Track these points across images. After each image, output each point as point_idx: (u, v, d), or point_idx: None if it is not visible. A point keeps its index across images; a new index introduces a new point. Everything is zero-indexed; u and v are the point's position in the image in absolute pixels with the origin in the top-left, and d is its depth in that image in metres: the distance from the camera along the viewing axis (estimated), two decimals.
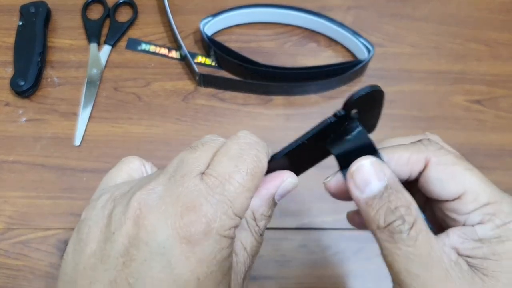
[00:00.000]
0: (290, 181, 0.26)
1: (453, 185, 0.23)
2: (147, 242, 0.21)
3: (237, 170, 0.22)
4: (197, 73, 0.53)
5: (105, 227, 0.22)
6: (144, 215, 0.21)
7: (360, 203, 0.23)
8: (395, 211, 0.22)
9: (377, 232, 0.22)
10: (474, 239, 0.22)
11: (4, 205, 0.47)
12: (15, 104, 0.53)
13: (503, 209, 0.22)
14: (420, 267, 0.21)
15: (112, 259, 0.21)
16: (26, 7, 0.56)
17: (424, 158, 0.24)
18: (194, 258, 0.21)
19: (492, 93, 0.56)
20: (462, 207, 0.23)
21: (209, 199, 0.21)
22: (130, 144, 0.51)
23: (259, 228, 0.25)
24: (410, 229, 0.21)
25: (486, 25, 0.60)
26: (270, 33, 0.59)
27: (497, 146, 0.52)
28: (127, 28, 0.58)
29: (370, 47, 0.55)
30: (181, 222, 0.21)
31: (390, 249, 0.22)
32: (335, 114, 0.24)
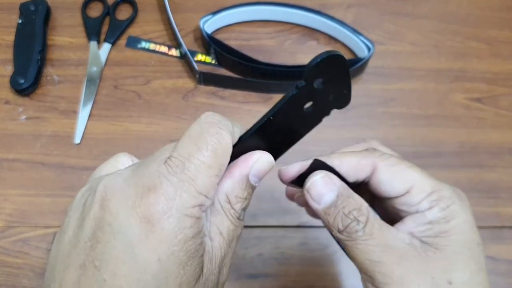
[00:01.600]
0: (263, 159, 0.25)
1: (401, 182, 0.27)
2: (110, 224, 0.21)
3: (197, 148, 0.22)
4: (197, 71, 0.53)
5: (80, 214, 0.23)
6: (109, 198, 0.22)
7: (319, 213, 0.27)
8: (349, 215, 0.26)
9: (338, 235, 0.26)
10: (425, 222, 0.26)
11: (4, 203, 0.47)
12: (15, 102, 0.53)
13: (445, 195, 0.26)
14: (379, 255, 0.25)
15: (81, 243, 0.22)
16: (26, 5, 0.56)
17: (371, 163, 0.27)
18: (154, 237, 0.21)
19: (492, 91, 0.56)
20: (411, 199, 0.27)
21: (169, 178, 0.22)
22: (130, 142, 0.51)
23: (235, 211, 0.24)
24: (365, 227, 0.25)
25: (486, 23, 0.60)
26: (270, 31, 0.59)
27: (497, 144, 0.52)
28: (127, 26, 0.58)
29: (370, 45, 0.55)
30: (140, 202, 0.21)
31: (351, 245, 0.26)
32: (296, 86, 0.24)
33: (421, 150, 0.52)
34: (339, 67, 0.24)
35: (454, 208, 0.26)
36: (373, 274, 0.25)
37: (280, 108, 0.24)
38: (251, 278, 0.45)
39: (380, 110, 0.54)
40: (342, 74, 0.25)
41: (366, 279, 0.26)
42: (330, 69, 0.24)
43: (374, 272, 0.25)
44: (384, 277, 0.25)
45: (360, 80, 0.56)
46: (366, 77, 0.56)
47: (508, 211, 0.49)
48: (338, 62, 0.24)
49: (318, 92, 0.24)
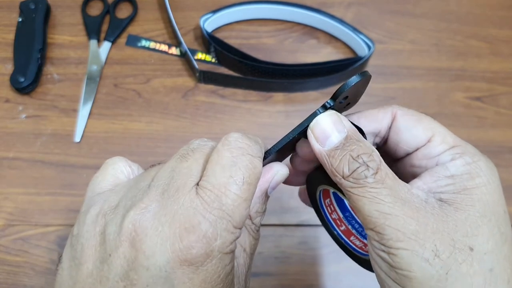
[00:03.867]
0: (281, 173, 0.25)
1: (422, 129, 0.25)
2: (148, 268, 0.20)
3: (233, 180, 0.21)
4: (197, 69, 0.53)
5: (100, 246, 0.22)
6: (141, 238, 0.20)
7: (322, 156, 0.23)
8: (357, 159, 0.22)
9: (343, 182, 0.22)
10: (446, 176, 0.23)
11: (4, 201, 0.47)
12: (15, 100, 0.53)
13: (470, 150, 0.24)
14: (390, 206, 0.21)
15: (111, 282, 0.21)
16: (26, 4, 0.56)
17: (390, 112, 0.26)
18: (198, 279, 0.20)
19: (492, 90, 0.56)
20: (432, 149, 0.24)
21: (207, 216, 0.21)
22: (130, 141, 0.51)
23: (255, 225, 0.25)
24: (375, 174, 0.22)
25: (487, 22, 0.60)
26: (270, 29, 0.59)
27: (497, 143, 0.52)
28: (127, 24, 0.57)
29: (370, 44, 0.55)
30: (180, 245, 0.20)
31: (358, 194, 0.22)
32: (324, 105, 0.24)
33: None
34: (364, 85, 0.25)
35: (480, 165, 0.23)
36: (381, 228, 0.21)
37: (307, 126, 0.25)
38: (251, 276, 0.45)
39: None
40: (363, 89, 0.26)
41: (372, 236, 0.22)
42: (357, 88, 0.25)
43: (383, 226, 0.21)
44: (395, 232, 0.21)
45: None
46: None
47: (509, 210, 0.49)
48: (365, 82, 0.25)
49: (339, 106, 0.25)
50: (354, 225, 0.30)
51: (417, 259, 0.21)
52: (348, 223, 0.30)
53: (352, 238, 0.30)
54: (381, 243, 0.22)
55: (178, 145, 0.51)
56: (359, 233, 0.30)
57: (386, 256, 0.22)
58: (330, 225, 0.31)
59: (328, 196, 0.31)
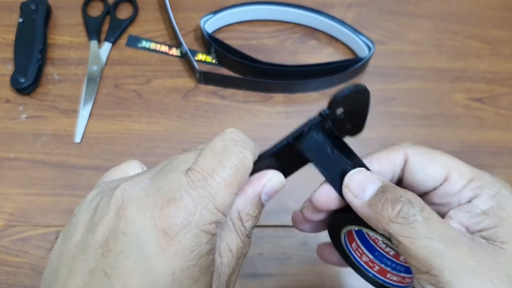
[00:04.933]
0: (275, 179, 0.25)
1: (436, 168, 0.24)
2: (126, 233, 0.21)
3: (221, 165, 0.22)
4: (198, 70, 0.53)
5: (90, 218, 0.23)
6: (125, 206, 0.21)
7: (363, 209, 0.23)
8: (400, 198, 0.22)
9: (390, 226, 0.22)
10: (478, 213, 0.23)
11: (4, 202, 0.47)
12: (16, 101, 0.53)
13: (488, 181, 0.23)
14: (445, 246, 0.21)
15: (91, 249, 0.21)
16: (26, 4, 0.56)
17: (402, 153, 0.25)
18: (170, 250, 0.21)
19: (493, 91, 0.56)
20: (451, 187, 0.24)
21: (190, 192, 0.21)
22: (130, 141, 0.51)
23: (245, 228, 0.25)
24: (422, 211, 0.21)
25: (487, 22, 0.60)
26: (270, 30, 0.59)
27: (497, 144, 0.52)
28: (127, 25, 0.58)
29: (370, 45, 0.55)
30: (159, 214, 0.21)
31: (409, 236, 0.21)
32: (320, 113, 0.24)
33: None
34: (364, 101, 0.25)
35: (504, 193, 0.23)
36: (438, 270, 0.20)
37: (302, 132, 0.25)
38: (251, 277, 0.45)
39: (381, 109, 0.54)
40: (364, 107, 0.25)
41: (428, 280, 0.21)
42: (355, 100, 0.24)
43: (440, 268, 0.20)
44: (453, 273, 0.20)
45: (361, 79, 0.56)
46: (367, 76, 0.56)
47: None
48: (364, 95, 0.25)
49: (338, 120, 0.25)
50: (387, 263, 0.29)
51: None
52: (380, 262, 0.30)
53: (389, 275, 0.30)
54: (439, 286, 0.21)
55: (178, 146, 0.51)
56: (393, 269, 0.29)
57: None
58: (364, 269, 0.31)
59: (353, 240, 0.30)
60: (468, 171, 0.24)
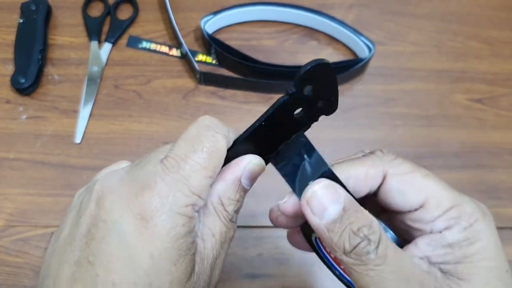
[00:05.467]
0: (254, 162, 0.25)
1: (414, 194, 0.23)
2: (105, 220, 0.22)
3: (193, 150, 0.23)
4: (198, 71, 0.53)
5: (76, 213, 0.24)
6: (105, 196, 0.22)
7: (320, 229, 0.22)
8: (358, 233, 0.21)
9: (344, 258, 0.21)
10: (444, 245, 0.22)
11: (4, 202, 0.47)
12: (16, 101, 0.53)
13: (466, 211, 0.22)
14: (395, 284, 0.21)
15: (77, 241, 0.22)
16: (27, 5, 0.56)
17: (381, 171, 0.24)
18: (147, 233, 0.21)
19: (493, 92, 0.56)
20: (426, 215, 0.23)
21: (164, 177, 0.22)
22: (130, 142, 0.51)
23: (228, 213, 0.25)
24: (377, 248, 0.21)
25: (487, 23, 0.60)
26: (270, 31, 0.59)
27: (497, 144, 0.52)
28: (127, 25, 0.58)
29: (371, 45, 0.55)
30: (135, 200, 0.22)
31: (361, 271, 0.21)
32: (287, 92, 0.24)
33: (422, 151, 0.52)
34: (327, 75, 0.25)
35: (478, 227, 0.22)
36: None
37: (272, 113, 0.25)
38: (250, 278, 0.45)
39: (381, 110, 0.54)
40: (330, 82, 0.25)
41: None
42: (319, 76, 0.24)
43: None
44: None
45: (361, 80, 0.56)
46: (367, 77, 0.56)
47: (509, 212, 0.49)
48: (326, 70, 0.24)
49: (308, 99, 0.25)
50: None
51: None
52: None
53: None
54: None
55: None
56: None
57: None
58: (331, 265, 0.31)
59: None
60: (448, 199, 0.23)
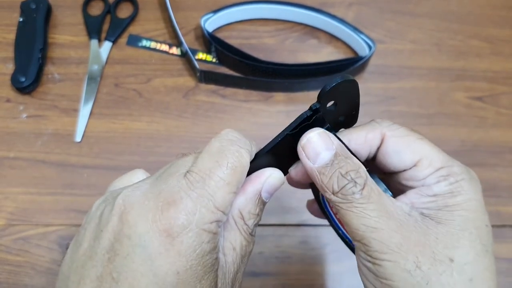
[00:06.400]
0: (274, 176, 0.26)
1: (409, 154, 0.26)
2: (129, 236, 0.21)
3: (218, 165, 0.23)
4: (198, 69, 0.53)
5: (96, 226, 0.23)
6: (128, 211, 0.22)
7: (313, 173, 0.24)
8: (346, 176, 0.23)
9: (332, 197, 0.24)
10: (429, 195, 0.24)
11: (5, 201, 0.47)
12: (16, 100, 0.53)
13: (455, 171, 0.25)
14: (376, 220, 0.23)
15: (99, 255, 0.22)
16: (27, 3, 0.56)
17: (379, 134, 0.26)
18: (173, 251, 0.21)
19: (493, 90, 0.56)
20: (418, 173, 0.25)
21: (189, 193, 0.22)
22: (130, 141, 0.51)
23: (248, 227, 0.25)
24: (362, 190, 0.23)
25: (488, 21, 0.60)
26: (270, 29, 0.59)
27: (498, 142, 0.52)
28: (127, 24, 0.57)
29: (371, 44, 0.55)
30: (160, 216, 0.21)
31: (346, 208, 0.23)
32: (310, 107, 0.25)
33: None
34: (352, 92, 0.25)
35: (463, 184, 0.24)
36: (368, 241, 0.23)
37: (295, 127, 0.25)
38: (252, 276, 0.45)
39: (381, 108, 0.54)
40: (354, 98, 0.26)
41: (360, 247, 0.24)
42: (344, 92, 0.25)
43: (369, 239, 0.23)
44: (379, 245, 0.22)
45: (361, 78, 0.56)
46: (367, 75, 0.56)
47: (509, 210, 0.49)
48: (351, 86, 0.25)
49: (330, 113, 0.25)
50: None
51: (400, 270, 0.22)
52: None
53: None
54: (367, 254, 0.23)
55: (179, 145, 0.51)
56: None
57: (371, 266, 0.23)
58: (336, 225, 0.33)
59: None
60: (439, 160, 0.25)
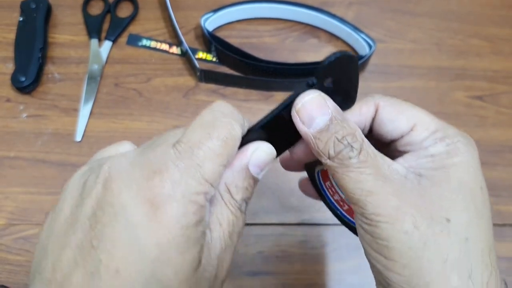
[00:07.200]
0: (262, 149, 0.25)
1: (404, 120, 0.26)
2: (112, 204, 0.21)
3: (209, 136, 0.22)
4: (198, 69, 0.53)
5: (79, 194, 0.23)
6: (112, 178, 0.21)
7: (308, 138, 0.24)
8: (342, 140, 0.23)
9: (328, 162, 0.24)
10: (426, 155, 0.24)
11: (5, 201, 0.47)
12: (16, 100, 0.53)
13: (450, 133, 0.25)
14: (372, 184, 0.23)
15: (80, 223, 0.21)
16: (27, 3, 0.56)
17: (373, 105, 0.26)
18: (156, 221, 0.20)
19: (493, 89, 0.56)
20: (415, 137, 0.25)
21: (177, 163, 0.21)
22: (130, 140, 0.50)
23: (236, 201, 0.24)
24: (359, 154, 0.23)
25: (488, 21, 0.60)
26: (271, 28, 0.59)
27: (498, 142, 0.52)
28: (127, 23, 0.57)
29: (371, 43, 0.55)
30: (145, 184, 0.21)
31: (342, 173, 0.23)
32: (307, 83, 0.24)
33: None
34: (351, 68, 0.25)
35: (459, 146, 0.24)
36: (364, 204, 0.23)
37: (289, 104, 0.24)
38: (251, 275, 0.45)
39: None
40: (353, 75, 0.25)
41: (357, 210, 0.23)
42: (342, 69, 0.24)
43: (365, 202, 0.22)
44: (376, 208, 0.22)
45: (361, 78, 0.55)
46: (367, 75, 0.56)
47: (509, 209, 0.49)
48: (351, 62, 0.24)
49: (327, 92, 0.24)
50: None
51: (397, 231, 0.22)
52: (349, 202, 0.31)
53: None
54: (364, 216, 0.23)
55: None
56: None
57: (368, 228, 0.23)
58: (334, 207, 0.32)
59: (327, 179, 0.31)
60: (434, 123, 0.25)
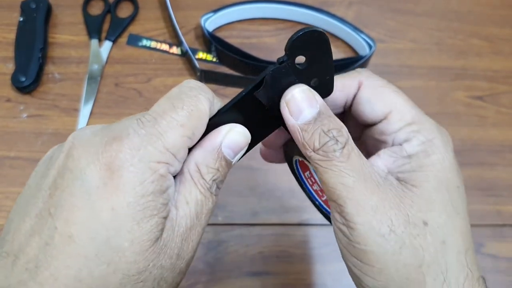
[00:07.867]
0: (236, 130, 0.24)
1: (381, 105, 0.25)
2: (72, 170, 0.21)
3: (173, 107, 0.22)
4: (198, 69, 0.53)
5: (46, 166, 0.23)
6: (75, 146, 0.21)
7: (295, 129, 0.24)
8: (328, 133, 0.23)
9: (312, 154, 0.23)
10: (403, 156, 0.24)
11: (5, 200, 0.47)
12: (16, 100, 0.53)
13: (426, 127, 0.25)
14: (354, 180, 0.22)
15: (41, 192, 0.21)
16: (27, 3, 0.56)
17: (357, 81, 0.26)
18: (111, 185, 0.20)
19: (493, 89, 0.56)
20: (389, 126, 0.25)
21: (138, 130, 0.21)
22: None
23: (205, 181, 0.23)
24: (343, 148, 0.23)
25: (488, 21, 0.60)
26: (271, 28, 0.59)
27: (498, 142, 0.52)
28: (128, 23, 0.58)
29: (371, 43, 0.55)
30: (103, 149, 0.21)
31: (326, 167, 0.23)
32: (278, 60, 0.23)
33: None
34: (322, 46, 0.24)
35: (436, 143, 0.24)
36: (344, 201, 0.22)
37: (261, 81, 0.24)
38: (252, 275, 0.45)
39: None
40: (325, 55, 0.24)
41: (335, 208, 0.23)
42: (313, 46, 0.23)
43: (345, 198, 0.22)
44: (355, 206, 0.22)
45: None
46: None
47: (509, 209, 0.49)
48: (320, 39, 0.23)
49: (300, 73, 0.24)
50: None
51: (373, 234, 0.22)
52: None
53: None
54: (342, 215, 0.23)
55: None
56: None
57: (345, 229, 0.23)
58: (313, 197, 0.32)
59: (307, 169, 0.31)
60: (411, 114, 0.25)
